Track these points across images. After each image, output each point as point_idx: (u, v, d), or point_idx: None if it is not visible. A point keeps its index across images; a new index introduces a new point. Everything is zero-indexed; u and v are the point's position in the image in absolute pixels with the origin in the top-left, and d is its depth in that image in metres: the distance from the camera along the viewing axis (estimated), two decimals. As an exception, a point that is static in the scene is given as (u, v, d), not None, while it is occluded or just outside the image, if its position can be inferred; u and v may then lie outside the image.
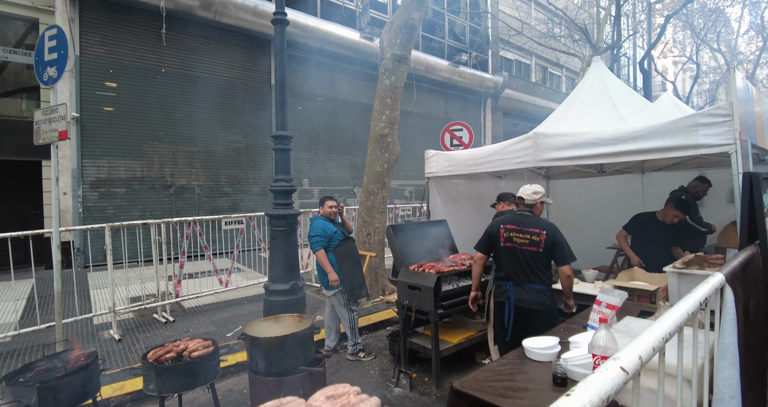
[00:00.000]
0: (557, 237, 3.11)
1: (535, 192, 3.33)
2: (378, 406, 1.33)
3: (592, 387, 0.68)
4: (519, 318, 3.13)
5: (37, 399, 2.13)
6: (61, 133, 4.20)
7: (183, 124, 10.19)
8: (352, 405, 1.31)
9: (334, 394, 1.40)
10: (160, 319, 5.31)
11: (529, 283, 3.15)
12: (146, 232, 5.57)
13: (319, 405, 1.35)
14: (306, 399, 1.42)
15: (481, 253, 3.39)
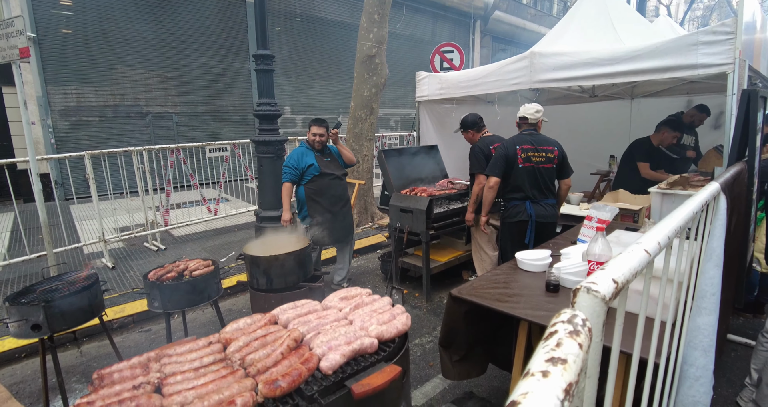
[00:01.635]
0: (564, 152, 3.38)
1: (537, 110, 3.39)
2: (390, 304, 1.39)
3: (624, 262, 0.70)
4: (537, 233, 3.33)
5: (44, 318, 2.17)
6: (22, 50, 3.82)
7: (153, 46, 9.39)
8: (366, 304, 1.36)
9: (347, 296, 1.46)
10: (151, 247, 5.35)
11: (545, 199, 3.36)
12: (129, 161, 5.37)
13: (334, 305, 1.41)
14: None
15: (496, 177, 3.32)
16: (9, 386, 2.85)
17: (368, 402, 1.07)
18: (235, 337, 1.22)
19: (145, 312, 3.76)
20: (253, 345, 1.15)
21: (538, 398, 0.39)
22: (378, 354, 1.16)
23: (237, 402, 0.91)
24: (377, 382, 1.03)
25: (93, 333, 3.50)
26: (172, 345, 1.21)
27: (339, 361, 1.09)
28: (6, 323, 2.20)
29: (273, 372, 1.02)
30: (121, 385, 1.02)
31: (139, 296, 3.98)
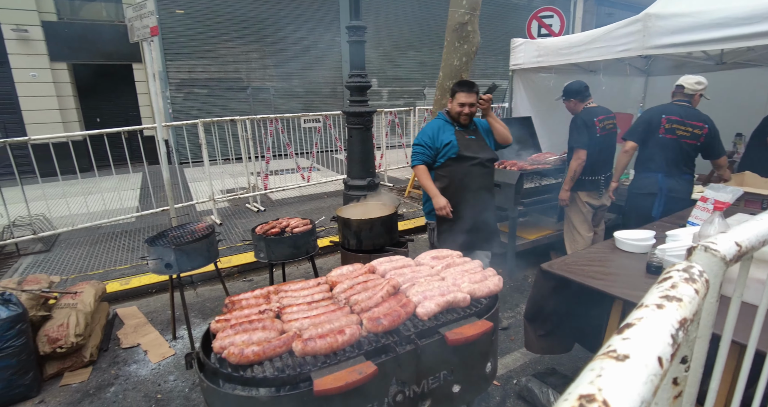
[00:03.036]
0: (715, 130, 3.15)
1: (698, 82, 3.21)
2: (480, 266, 1.43)
3: (751, 228, 0.66)
4: (668, 209, 3.16)
5: (174, 258, 2.57)
6: (152, 28, 4.32)
7: (252, 22, 10.02)
8: (457, 264, 1.42)
9: (439, 255, 1.53)
10: (252, 208, 5.92)
11: (682, 174, 3.19)
12: (234, 130, 5.92)
13: (426, 262, 1.49)
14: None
15: (633, 142, 3.27)
16: (144, 314, 3.43)
17: (459, 350, 1.14)
18: (340, 281, 1.37)
19: (247, 264, 4.22)
20: (356, 288, 1.28)
21: (653, 323, 0.40)
22: (470, 308, 1.22)
23: (346, 332, 1.04)
24: (469, 332, 1.09)
25: (206, 279, 4.04)
26: (287, 283, 1.39)
27: (434, 309, 1.17)
28: (146, 260, 2.64)
29: (375, 311, 1.13)
30: (249, 310, 1.21)
31: (243, 250, 4.47)
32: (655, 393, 0.35)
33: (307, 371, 0.97)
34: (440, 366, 1.12)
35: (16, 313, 2.46)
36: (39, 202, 5.27)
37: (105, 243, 4.87)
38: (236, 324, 1.11)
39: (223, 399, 0.98)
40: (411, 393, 1.09)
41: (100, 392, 2.54)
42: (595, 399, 0.31)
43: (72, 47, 9.20)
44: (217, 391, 0.98)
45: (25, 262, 4.39)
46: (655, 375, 0.35)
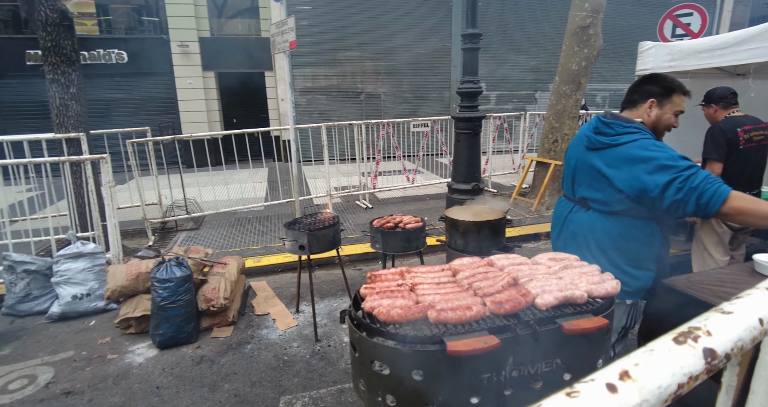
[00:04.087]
0: None
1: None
2: (598, 270, 1.49)
3: None
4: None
5: (307, 241, 2.99)
6: (291, 42, 4.98)
7: (368, 31, 10.70)
8: (574, 267, 1.50)
9: (556, 257, 1.61)
10: (361, 205, 6.39)
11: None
12: (347, 133, 6.46)
13: (543, 262, 1.59)
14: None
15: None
16: (272, 289, 3.99)
17: (573, 342, 1.23)
18: (462, 269, 1.54)
19: (357, 254, 4.61)
20: (477, 277, 1.45)
21: (760, 294, 0.50)
22: (586, 306, 1.30)
23: (473, 309, 1.21)
24: (585, 325, 1.18)
25: (321, 263, 4.52)
26: (414, 267, 1.62)
27: (552, 302, 1.28)
28: (284, 241, 3.12)
29: (497, 296, 1.28)
30: (387, 283, 1.45)
31: (354, 242, 4.89)
32: (753, 342, 0.46)
33: (440, 334, 1.17)
34: (554, 354, 1.23)
35: (186, 274, 3.10)
36: (191, 188, 6.35)
37: (240, 226, 5.70)
38: (380, 291, 1.36)
39: (372, 347, 1.22)
40: (526, 372, 1.22)
41: (240, 347, 3.07)
42: (699, 328, 0.44)
43: (218, 58, 10.80)
44: (367, 340, 1.23)
45: (181, 236, 5.37)
46: (754, 327, 0.46)
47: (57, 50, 4.68)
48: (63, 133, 4.72)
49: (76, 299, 3.62)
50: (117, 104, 10.47)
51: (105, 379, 2.78)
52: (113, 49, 10.37)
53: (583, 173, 1.93)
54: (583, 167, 1.93)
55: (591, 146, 1.89)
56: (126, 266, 3.34)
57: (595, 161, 1.85)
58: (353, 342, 1.28)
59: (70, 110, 4.76)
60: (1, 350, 3.19)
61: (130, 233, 5.43)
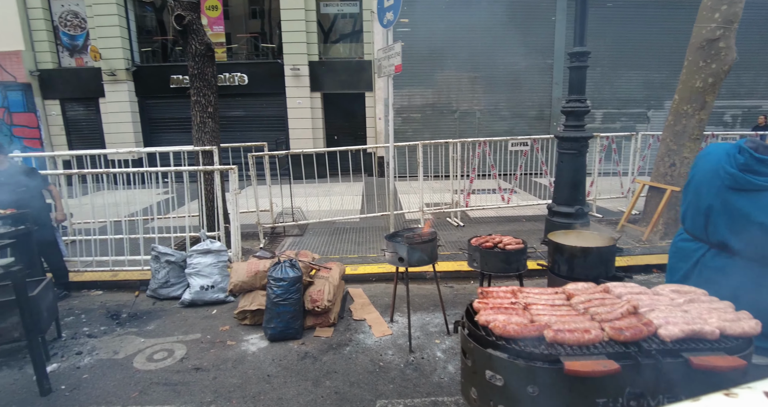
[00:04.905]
0: None
1: None
2: (731, 307, 1.39)
3: None
4: None
5: (406, 254, 3.14)
6: (397, 66, 5.28)
7: (466, 51, 10.83)
8: (702, 301, 1.42)
9: (680, 290, 1.53)
10: (452, 223, 6.43)
11: None
12: (443, 150, 6.58)
13: (665, 294, 1.52)
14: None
15: None
16: (367, 296, 4.20)
17: (701, 378, 1.18)
18: (576, 293, 1.55)
19: (449, 271, 4.65)
20: (593, 302, 1.44)
21: None
22: (718, 343, 1.23)
23: (591, 332, 1.23)
24: (717, 363, 1.12)
25: (414, 277, 4.64)
26: (525, 287, 1.65)
27: (677, 334, 1.23)
28: (385, 252, 3.30)
29: (616, 323, 1.27)
30: (500, 300, 1.52)
31: (446, 259, 4.94)
32: None
33: (557, 354, 1.21)
34: (678, 389, 1.18)
35: (297, 275, 3.44)
36: (298, 198, 6.95)
37: (339, 235, 6.09)
38: (494, 307, 1.42)
39: (486, 358, 1.30)
40: (645, 405, 1.19)
41: (340, 348, 3.29)
42: None
43: (324, 80, 11.72)
44: (481, 351, 1.30)
45: (288, 241, 5.90)
46: None
47: (201, 76, 5.53)
48: (200, 146, 5.53)
49: (203, 290, 4.19)
50: (237, 120, 11.90)
51: (225, 361, 3.18)
52: (237, 72, 11.84)
53: (723, 215, 1.67)
54: (724, 208, 1.67)
55: (737, 185, 1.62)
56: (246, 264, 3.79)
57: (744, 205, 1.58)
58: (466, 351, 1.36)
59: (207, 127, 5.58)
60: (148, 325, 3.81)
61: (245, 235, 6.10)
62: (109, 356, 3.32)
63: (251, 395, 2.78)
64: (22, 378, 3.07)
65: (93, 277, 4.80)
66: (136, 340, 3.55)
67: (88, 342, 3.54)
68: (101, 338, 3.62)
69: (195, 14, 5.43)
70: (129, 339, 3.58)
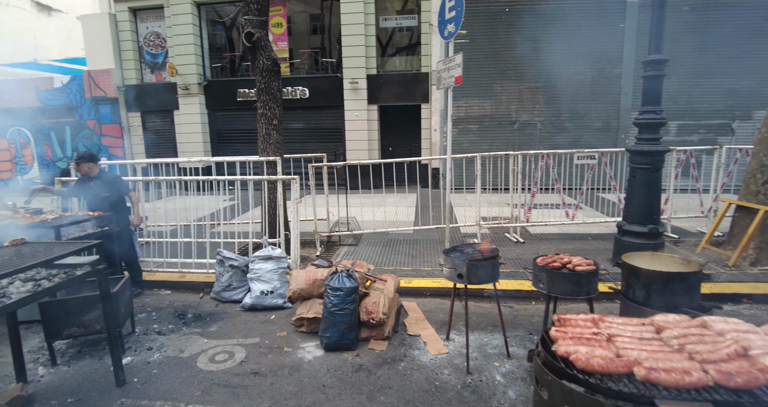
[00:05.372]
0: None
1: None
2: None
3: None
4: None
5: (466, 270, 3.04)
6: (457, 78, 5.23)
7: (528, 61, 10.53)
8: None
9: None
10: (511, 238, 6.19)
11: None
12: (502, 163, 6.38)
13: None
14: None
15: None
16: (422, 311, 4.12)
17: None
18: (668, 326, 1.39)
19: (509, 290, 4.45)
20: (690, 338, 1.28)
21: None
22: None
23: (692, 374, 1.09)
24: None
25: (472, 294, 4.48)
26: (608, 316, 1.52)
27: (803, 385, 1.06)
28: (443, 267, 3.22)
29: (723, 366, 1.12)
30: (580, 329, 1.40)
31: (504, 276, 4.75)
32: None
33: (651, 396, 1.08)
34: (803, 450, 1.01)
35: (354, 285, 3.44)
36: (353, 208, 7.04)
37: (393, 247, 6.07)
38: (573, 337, 1.31)
39: (567, 393, 1.19)
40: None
41: (394, 363, 3.23)
42: None
43: (381, 93, 11.89)
44: (560, 384, 1.20)
45: (343, 250, 5.96)
46: None
47: (267, 90, 5.79)
48: (265, 156, 5.77)
49: (263, 295, 4.32)
50: (297, 132, 12.37)
51: (282, 368, 3.23)
52: (298, 86, 12.34)
53: None
54: None
55: None
56: (305, 272, 3.87)
57: None
58: (541, 383, 1.26)
59: (271, 138, 5.82)
60: (211, 327, 3.98)
61: (302, 243, 6.24)
62: (176, 354, 3.50)
63: (306, 404, 2.79)
64: (101, 368, 3.31)
65: (163, 277, 5.13)
66: (199, 340, 3.72)
67: (157, 339, 3.76)
68: (169, 336, 3.83)
69: (263, 31, 5.73)
70: (193, 338, 3.76)
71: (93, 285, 3.52)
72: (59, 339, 3.43)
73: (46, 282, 2.69)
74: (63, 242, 3.68)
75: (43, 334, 3.44)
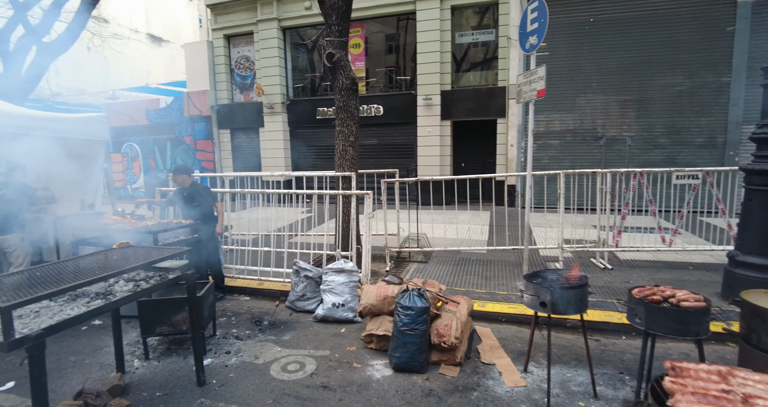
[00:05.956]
0: None
1: None
2: None
3: None
4: None
5: (550, 298, 2.80)
6: (539, 91, 4.98)
7: (616, 72, 9.82)
8: None
9: None
10: (597, 264, 5.67)
11: None
12: (587, 181, 5.92)
13: None
14: None
15: None
16: (496, 339, 3.87)
17: None
18: (829, 391, 1.13)
19: (595, 321, 4.03)
20: None
21: None
22: None
23: None
24: None
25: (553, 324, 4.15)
26: (740, 369, 1.27)
27: None
28: (522, 293, 3.00)
29: None
30: (704, 383, 1.18)
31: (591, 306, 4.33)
32: None
33: None
34: None
35: (425, 306, 3.33)
36: (423, 224, 6.95)
37: (464, 266, 5.86)
38: (696, 392, 1.11)
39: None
40: None
41: (466, 392, 3.05)
42: None
43: (455, 108, 11.76)
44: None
45: (413, 267, 5.88)
46: None
47: (346, 108, 5.98)
48: (341, 172, 5.92)
49: (335, 307, 4.37)
50: (371, 148, 12.63)
51: (351, 384, 3.20)
52: (374, 104, 12.65)
53: None
54: None
55: None
56: (376, 288, 3.84)
57: None
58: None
59: (347, 154, 5.97)
60: (284, 335, 4.09)
61: (372, 257, 6.28)
62: (251, 360, 3.63)
63: (374, 426, 2.72)
64: (185, 367, 3.53)
65: (243, 284, 5.41)
66: (273, 348, 3.83)
67: (235, 344, 3.94)
68: (246, 341, 3.99)
69: (343, 52, 5.96)
70: (268, 346, 3.88)
71: (181, 288, 3.81)
72: (152, 336, 3.72)
73: (144, 283, 2.93)
74: (159, 246, 4.03)
75: (138, 330, 3.76)
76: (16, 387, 3.30)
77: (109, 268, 2.78)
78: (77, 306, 2.50)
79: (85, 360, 3.72)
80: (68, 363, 3.67)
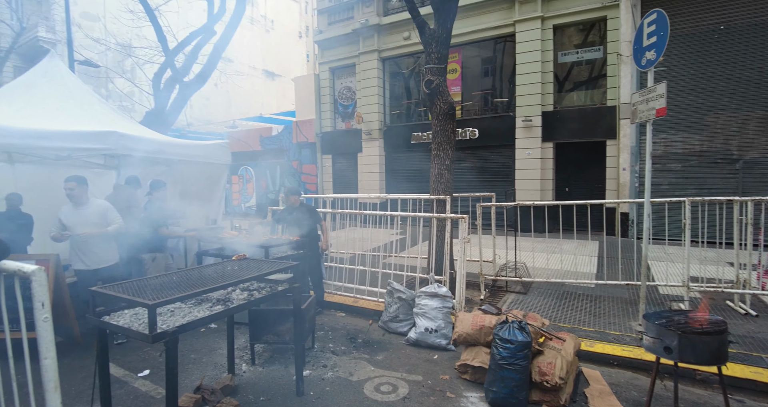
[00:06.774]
0: None
1: None
2: None
3: None
4: None
5: (677, 343, 2.44)
6: (659, 110, 4.51)
7: (755, 85, 8.48)
8: None
9: None
10: (737, 309, 4.81)
11: None
12: (719, 210, 5.11)
13: None
14: None
15: None
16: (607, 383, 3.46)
17: None
18: None
19: (738, 378, 3.40)
20: None
21: None
22: None
23: None
24: None
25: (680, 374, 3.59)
26: None
27: None
28: (643, 335, 2.66)
29: None
30: None
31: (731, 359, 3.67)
32: None
33: None
34: None
35: (526, 340, 3.13)
36: (522, 252, 6.59)
37: (569, 301, 5.39)
38: None
39: None
40: None
41: (573, 440, 2.75)
42: None
43: (558, 129, 11.15)
44: None
45: (510, 298, 5.58)
46: None
47: (443, 133, 6.04)
48: (435, 195, 5.94)
49: (427, 332, 4.31)
50: (465, 171, 12.50)
51: (443, 415, 3.10)
52: (469, 127, 12.57)
53: None
54: None
55: None
56: (472, 316, 3.71)
57: None
58: None
59: (443, 178, 5.98)
60: (377, 355, 4.13)
61: (466, 284, 6.10)
62: (346, 376, 3.72)
63: (469, 462, 2.58)
64: (286, 376, 3.75)
65: (339, 300, 5.63)
66: (367, 367, 3.89)
67: (331, 358, 4.08)
68: (341, 357, 4.11)
69: (442, 78, 6.07)
70: (361, 364, 3.95)
71: (286, 300, 4.09)
72: (259, 343, 4.03)
73: (257, 293, 3.21)
74: (270, 260, 4.40)
75: (247, 336, 4.10)
76: (150, 375, 3.80)
77: (229, 277, 3.10)
78: (202, 309, 2.83)
79: (203, 358, 4.16)
80: (189, 359, 4.12)
